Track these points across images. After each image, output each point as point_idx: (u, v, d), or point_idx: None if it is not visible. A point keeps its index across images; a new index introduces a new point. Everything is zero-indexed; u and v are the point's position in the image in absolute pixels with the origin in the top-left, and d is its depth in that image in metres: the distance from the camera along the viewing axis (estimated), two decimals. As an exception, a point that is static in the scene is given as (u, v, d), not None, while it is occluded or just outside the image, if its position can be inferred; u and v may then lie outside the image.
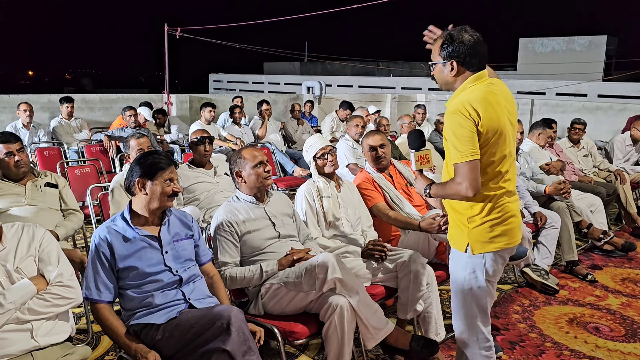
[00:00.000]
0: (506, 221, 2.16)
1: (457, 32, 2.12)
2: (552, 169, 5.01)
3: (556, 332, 3.31)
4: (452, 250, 2.28)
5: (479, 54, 2.11)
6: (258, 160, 2.73)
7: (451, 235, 2.28)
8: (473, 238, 2.15)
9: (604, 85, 15.32)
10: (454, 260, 2.27)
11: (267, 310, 2.61)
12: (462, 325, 2.28)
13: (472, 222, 2.15)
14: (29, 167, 3.28)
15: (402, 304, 2.92)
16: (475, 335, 2.24)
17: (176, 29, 8.60)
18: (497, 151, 2.10)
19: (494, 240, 2.15)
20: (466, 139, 2.03)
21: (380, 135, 3.53)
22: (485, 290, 2.20)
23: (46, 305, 2.02)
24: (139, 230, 2.27)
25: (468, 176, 2.04)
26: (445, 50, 2.13)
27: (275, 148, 6.80)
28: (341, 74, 23.47)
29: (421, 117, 7.67)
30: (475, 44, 2.10)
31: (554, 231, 4.20)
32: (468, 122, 2.02)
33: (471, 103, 2.04)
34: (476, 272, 2.18)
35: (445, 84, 2.21)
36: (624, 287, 4.07)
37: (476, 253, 2.16)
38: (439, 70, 2.19)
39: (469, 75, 2.13)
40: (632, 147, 6.07)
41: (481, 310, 2.23)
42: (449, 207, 2.28)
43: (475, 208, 2.14)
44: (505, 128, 2.11)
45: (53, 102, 7.51)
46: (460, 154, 2.05)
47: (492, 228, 2.14)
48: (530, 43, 26.51)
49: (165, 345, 2.13)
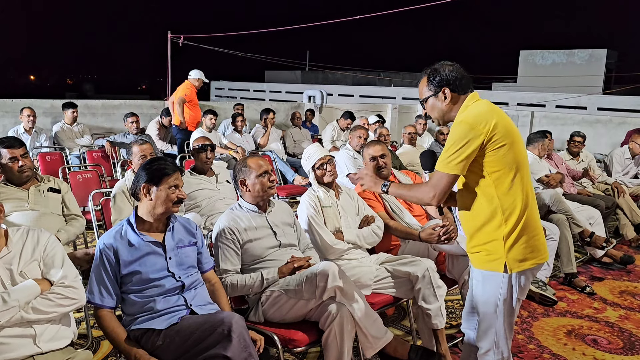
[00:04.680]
0: (537, 236, 2.13)
1: (438, 65, 2.17)
2: (552, 180, 5.04)
3: (554, 343, 3.32)
4: (481, 272, 2.17)
5: (464, 76, 2.16)
6: (263, 170, 2.75)
7: (480, 259, 2.16)
8: (511, 257, 2.08)
9: (604, 98, 15.42)
10: (486, 282, 2.15)
11: (268, 317, 2.62)
12: (489, 344, 2.20)
13: (509, 240, 2.08)
14: (32, 172, 3.31)
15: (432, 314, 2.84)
16: (501, 354, 2.19)
17: (179, 36, 8.67)
18: (518, 159, 2.07)
19: (528, 257, 2.10)
20: (461, 152, 2.01)
21: (381, 145, 3.56)
22: (515, 310, 2.17)
23: (50, 305, 2.03)
24: (144, 236, 2.29)
25: (442, 187, 2.06)
26: (433, 82, 2.16)
27: (276, 156, 6.83)
28: (342, 83, 23.57)
29: (422, 127, 7.71)
30: (458, 68, 2.16)
31: (552, 243, 4.21)
32: (474, 137, 2.00)
33: (482, 115, 2.03)
34: (512, 292, 2.12)
35: (442, 116, 2.20)
36: (622, 300, 4.08)
37: (514, 272, 2.09)
38: (432, 104, 2.20)
39: (463, 99, 2.15)
40: (631, 161, 6.11)
41: (509, 329, 2.19)
42: (475, 229, 2.16)
43: (509, 224, 2.07)
44: (519, 135, 2.11)
45: (56, 107, 7.56)
46: (446, 163, 2.05)
47: (526, 244, 2.09)
48: (531, 56, 26.67)
49: (165, 351, 2.15)
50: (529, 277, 2.16)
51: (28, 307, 1.99)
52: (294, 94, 23.25)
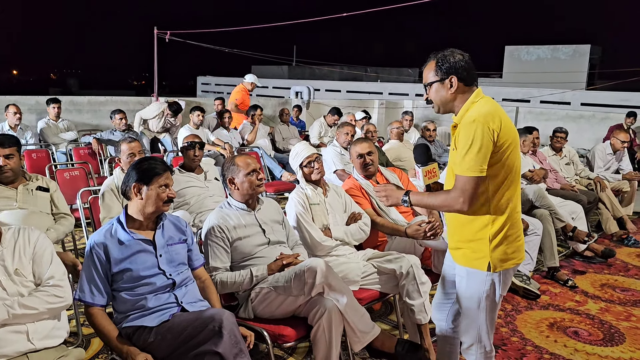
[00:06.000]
0: (519, 237, 2.17)
1: (448, 51, 2.12)
2: (536, 176, 5.14)
3: (537, 336, 3.41)
4: (466, 269, 2.20)
5: (473, 67, 2.12)
6: (251, 168, 2.78)
7: (465, 256, 2.19)
8: (495, 257, 2.12)
9: (587, 93, 15.64)
10: (469, 279, 2.19)
11: (257, 313, 2.66)
12: (472, 339, 2.25)
13: (495, 240, 2.11)
14: (16, 173, 3.25)
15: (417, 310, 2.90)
16: (483, 348, 2.25)
17: (166, 32, 8.63)
18: (515, 162, 2.09)
19: (511, 257, 2.14)
20: (480, 153, 1.98)
21: (368, 142, 3.61)
22: (497, 305, 2.23)
23: (37, 302, 2.05)
24: (134, 234, 2.32)
25: (469, 192, 2.01)
26: (442, 68, 2.10)
27: (264, 153, 6.86)
28: (329, 78, 23.61)
29: (408, 123, 7.77)
30: (467, 58, 2.11)
31: (535, 238, 4.31)
32: (487, 135, 1.98)
33: (491, 113, 2.01)
34: (494, 289, 2.17)
35: (444, 104, 2.17)
36: (603, 293, 4.19)
37: (497, 271, 2.13)
38: (436, 90, 2.15)
39: (467, 91, 2.11)
40: (613, 156, 6.23)
41: (492, 324, 2.24)
42: (459, 224, 2.18)
43: (496, 224, 2.10)
44: (518, 136, 2.12)
45: (41, 104, 7.51)
46: (468, 167, 2.00)
47: (510, 245, 2.13)
48: (516, 51, 26.90)
49: (157, 348, 2.18)
50: (510, 274, 2.22)
51: (15, 302, 2.01)
52: (281, 89, 23.22)
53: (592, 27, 46.66)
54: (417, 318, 2.87)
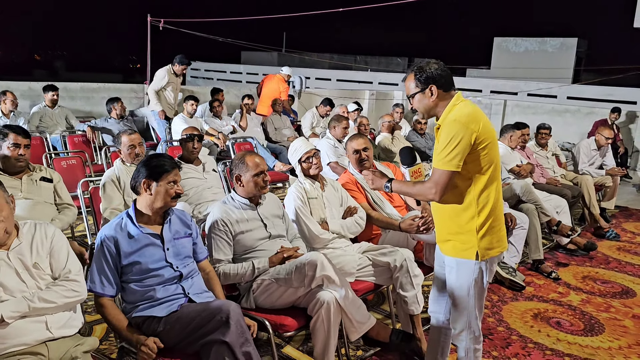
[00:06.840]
0: (502, 228, 2.37)
1: (424, 62, 2.32)
2: (523, 171, 5.30)
3: (522, 326, 3.58)
4: (455, 260, 2.36)
5: (448, 74, 2.32)
6: (259, 170, 2.88)
7: (454, 248, 2.35)
8: (482, 246, 2.29)
9: (573, 87, 15.86)
10: (459, 269, 2.35)
11: (258, 304, 2.79)
12: (462, 325, 2.43)
13: (481, 231, 2.28)
14: (27, 164, 3.39)
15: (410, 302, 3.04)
16: (472, 333, 2.43)
17: (159, 20, 8.61)
18: (494, 159, 2.28)
19: (495, 245, 2.33)
20: (457, 150, 2.17)
21: (363, 138, 3.72)
22: (485, 292, 2.41)
23: (55, 296, 2.14)
24: (143, 228, 2.41)
25: (442, 184, 2.22)
26: (420, 80, 2.30)
27: (257, 142, 6.93)
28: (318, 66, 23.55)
29: (399, 116, 7.89)
30: (442, 66, 2.32)
31: (522, 231, 4.47)
32: (467, 135, 2.16)
33: (472, 115, 2.21)
34: (482, 276, 2.35)
35: (428, 111, 2.35)
36: (585, 285, 4.38)
37: (484, 259, 2.31)
38: (418, 100, 2.34)
39: (447, 96, 2.31)
40: (597, 152, 6.42)
41: (480, 310, 2.42)
42: (447, 218, 2.36)
43: (482, 216, 2.28)
44: (495, 135, 2.32)
45: (34, 90, 7.49)
46: (444, 161, 2.20)
47: (494, 235, 2.32)
48: (505, 42, 27.03)
49: (166, 336, 2.29)
50: (495, 262, 2.42)
51: (35, 295, 2.11)
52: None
53: (579, 21, 47.10)
54: (410, 309, 3.02)
